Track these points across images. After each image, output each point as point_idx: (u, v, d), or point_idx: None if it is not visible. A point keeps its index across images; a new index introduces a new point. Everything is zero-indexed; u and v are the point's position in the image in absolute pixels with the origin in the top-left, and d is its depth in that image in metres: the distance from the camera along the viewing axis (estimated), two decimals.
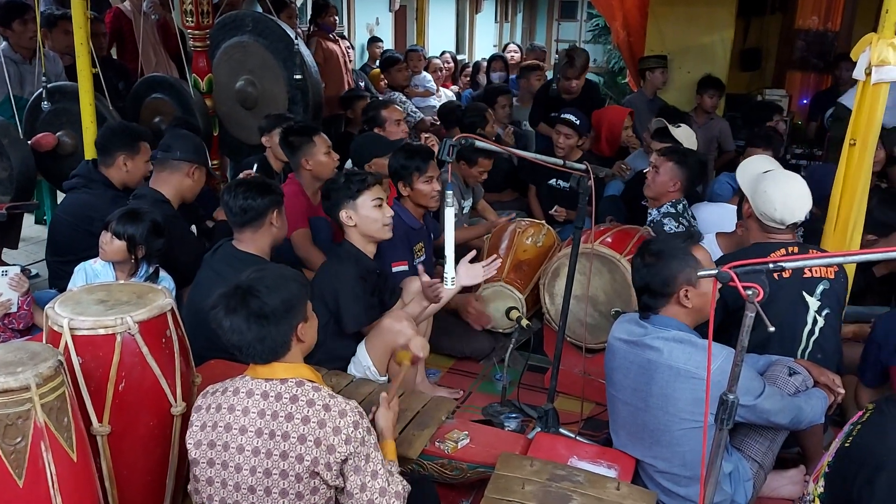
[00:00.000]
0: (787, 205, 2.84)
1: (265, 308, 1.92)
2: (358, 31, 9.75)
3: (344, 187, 3.09)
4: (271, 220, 3.07)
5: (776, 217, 2.86)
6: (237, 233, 3.09)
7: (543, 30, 16.41)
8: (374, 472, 1.95)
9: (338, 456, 1.88)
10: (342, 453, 1.89)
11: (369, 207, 3.08)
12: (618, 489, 2.29)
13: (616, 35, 7.43)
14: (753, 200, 2.94)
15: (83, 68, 3.97)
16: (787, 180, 2.93)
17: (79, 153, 4.33)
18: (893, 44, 2.67)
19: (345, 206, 3.08)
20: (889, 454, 1.87)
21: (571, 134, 4.76)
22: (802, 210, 2.87)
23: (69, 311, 2.09)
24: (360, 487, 1.93)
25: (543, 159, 2.92)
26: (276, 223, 3.10)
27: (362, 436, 1.93)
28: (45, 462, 1.75)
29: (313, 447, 1.87)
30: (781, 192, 2.86)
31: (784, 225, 2.87)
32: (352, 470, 1.92)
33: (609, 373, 2.63)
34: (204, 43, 4.69)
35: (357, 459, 1.92)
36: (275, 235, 3.12)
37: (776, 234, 2.91)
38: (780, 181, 2.91)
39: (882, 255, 2.01)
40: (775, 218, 2.86)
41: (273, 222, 3.08)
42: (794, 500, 2.79)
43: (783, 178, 2.94)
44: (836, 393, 2.60)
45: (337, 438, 1.88)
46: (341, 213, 3.09)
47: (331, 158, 3.93)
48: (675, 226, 3.81)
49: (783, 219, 2.85)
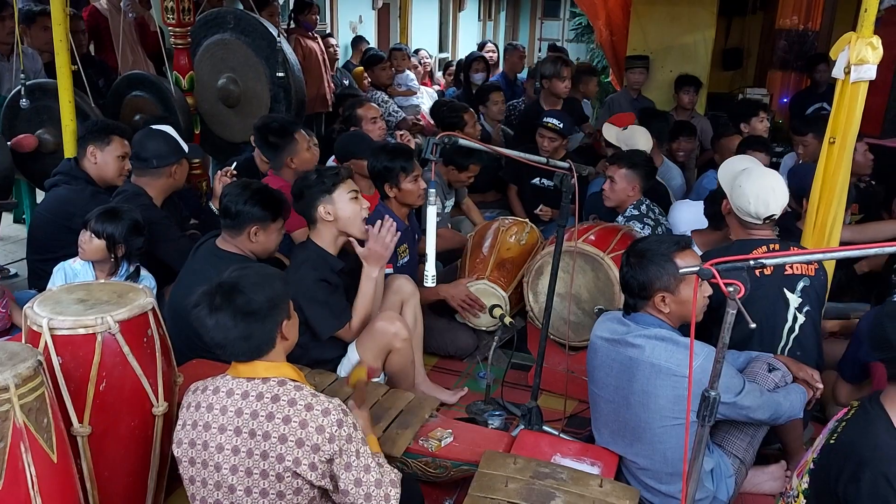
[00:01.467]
0: (760, 197, 2.87)
1: (251, 305, 1.91)
2: (341, 29, 9.72)
3: (317, 183, 3.02)
4: (249, 232, 2.99)
5: (751, 211, 2.88)
6: (223, 230, 3.06)
7: (526, 28, 16.45)
8: (366, 467, 1.94)
9: (322, 455, 1.87)
10: (326, 452, 1.88)
11: (346, 200, 3.03)
12: (601, 486, 2.30)
13: (599, 34, 7.47)
14: (731, 196, 2.97)
15: (62, 65, 3.92)
16: (762, 175, 2.95)
17: (59, 151, 4.29)
18: (872, 43, 2.70)
19: (321, 202, 3.01)
20: (873, 451, 1.88)
21: (555, 137, 4.78)
22: (776, 203, 2.88)
23: (48, 311, 2.07)
24: (354, 483, 1.92)
25: (527, 157, 2.93)
26: (255, 237, 3.01)
27: (348, 433, 1.91)
28: (25, 463, 1.72)
29: (295, 447, 1.86)
30: (755, 186, 2.89)
31: (759, 219, 2.89)
32: (342, 468, 1.91)
33: (591, 371, 2.64)
34: (185, 40, 4.65)
35: (346, 457, 1.91)
36: (256, 249, 3.03)
37: (755, 230, 2.93)
38: (754, 176, 2.94)
39: (861, 252, 2.03)
40: (750, 212, 2.89)
41: (251, 236, 3.00)
42: (775, 495, 2.81)
43: (757, 173, 2.97)
44: (814, 388, 2.63)
45: (321, 437, 1.87)
46: (319, 209, 3.02)
47: (312, 153, 3.92)
48: (641, 227, 3.87)
49: (757, 212, 2.88)
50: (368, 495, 1.93)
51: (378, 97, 6.53)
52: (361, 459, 1.94)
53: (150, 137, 3.52)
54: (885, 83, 5.48)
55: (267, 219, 3.01)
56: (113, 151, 3.64)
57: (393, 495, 1.96)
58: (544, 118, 4.85)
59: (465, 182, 4.55)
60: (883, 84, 5.25)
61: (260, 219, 2.98)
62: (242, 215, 2.96)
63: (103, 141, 3.63)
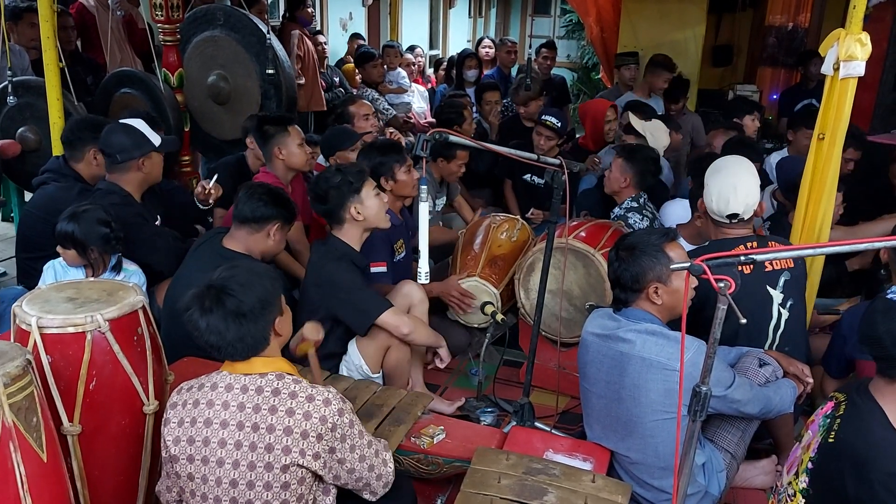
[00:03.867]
0: (721, 195, 2.88)
1: (242, 307, 1.91)
2: (331, 26, 9.69)
3: (345, 183, 3.02)
4: (270, 231, 3.03)
5: (713, 208, 2.91)
6: (234, 228, 3.05)
7: (517, 25, 16.43)
8: (369, 442, 2.04)
9: (325, 444, 1.91)
10: (328, 441, 1.91)
11: (372, 197, 3.07)
12: (593, 482, 2.30)
13: (590, 31, 7.47)
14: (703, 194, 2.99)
15: (50, 62, 3.89)
16: (729, 174, 2.94)
17: (43, 149, 4.25)
18: (860, 39, 2.72)
19: (352, 202, 3.02)
20: (875, 449, 1.89)
21: (552, 136, 4.78)
22: (738, 202, 2.87)
23: (37, 310, 2.06)
24: (359, 459, 2.00)
25: (518, 154, 2.93)
26: (273, 237, 3.06)
27: (350, 418, 1.97)
28: (14, 463, 1.71)
29: (300, 438, 1.88)
30: (718, 184, 2.91)
31: (722, 216, 2.90)
32: (347, 450, 1.97)
33: (582, 367, 2.65)
34: (174, 37, 4.63)
35: (350, 440, 1.96)
36: (269, 248, 3.08)
37: (727, 230, 2.93)
38: (721, 174, 2.95)
39: (845, 248, 2.04)
40: (712, 209, 2.91)
41: (271, 235, 3.05)
42: (766, 489, 2.83)
43: (726, 172, 2.96)
44: (804, 383, 2.64)
45: (324, 427, 1.90)
46: (350, 209, 3.02)
47: (303, 150, 3.90)
48: (640, 218, 3.88)
49: (719, 210, 2.90)
50: (372, 466, 2.04)
51: (369, 95, 6.51)
52: (358, 448, 2.00)
53: (114, 132, 3.42)
54: (874, 79, 5.51)
55: (287, 218, 3.10)
56: None
57: (388, 459, 2.11)
58: (542, 116, 4.85)
59: (457, 172, 4.50)
60: (872, 80, 5.27)
61: (283, 217, 3.06)
62: (267, 213, 3.00)
63: None
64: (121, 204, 3.31)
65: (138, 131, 3.44)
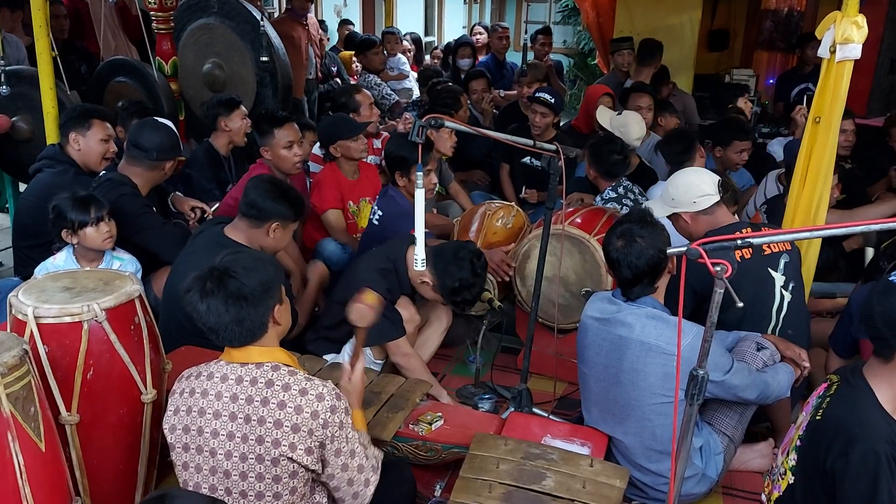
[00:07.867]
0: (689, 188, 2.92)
1: (244, 289, 1.90)
2: (326, 13, 9.64)
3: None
4: (270, 228, 2.97)
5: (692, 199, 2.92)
6: (238, 218, 3.03)
7: (513, 11, 16.33)
8: (352, 452, 1.98)
9: (315, 439, 1.89)
10: (319, 437, 1.89)
11: None
12: (591, 466, 2.31)
13: (586, 16, 7.42)
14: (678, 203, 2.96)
15: (42, 51, 3.86)
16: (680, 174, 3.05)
17: (35, 139, 4.23)
18: (857, 22, 2.70)
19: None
20: (860, 426, 1.91)
21: (547, 113, 4.75)
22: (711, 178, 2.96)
23: (34, 299, 2.05)
24: (341, 468, 1.96)
25: (514, 140, 2.92)
26: (273, 234, 2.99)
27: (340, 418, 1.93)
28: (13, 452, 1.72)
29: (290, 432, 1.87)
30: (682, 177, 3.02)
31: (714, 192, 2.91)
32: (332, 453, 1.93)
33: (581, 350, 2.65)
34: (168, 25, 4.60)
35: (337, 442, 1.93)
36: (268, 245, 3.01)
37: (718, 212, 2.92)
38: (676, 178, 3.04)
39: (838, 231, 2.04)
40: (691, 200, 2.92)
41: (271, 232, 2.98)
42: (763, 472, 2.84)
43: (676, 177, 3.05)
44: (801, 367, 2.65)
45: (315, 423, 1.88)
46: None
47: (290, 153, 3.87)
48: (619, 208, 3.87)
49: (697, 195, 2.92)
50: (351, 480, 1.98)
51: (371, 80, 6.48)
52: (349, 445, 1.97)
53: (155, 129, 3.48)
54: (870, 62, 5.50)
55: (289, 218, 3.03)
56: (95, 135, 3.58)
57: (373, 480, 2.04)
58: (536, 93, 4.83)
59: (450, 146, 4.42)
60: (868, 63, 5.26)
61: (284, 216, 2.99)
62: (268, 210, 2.95)
63: (84, 126, 3.58)
64: (131, 195, 3.36)
65: (176, 134, 3.54)
